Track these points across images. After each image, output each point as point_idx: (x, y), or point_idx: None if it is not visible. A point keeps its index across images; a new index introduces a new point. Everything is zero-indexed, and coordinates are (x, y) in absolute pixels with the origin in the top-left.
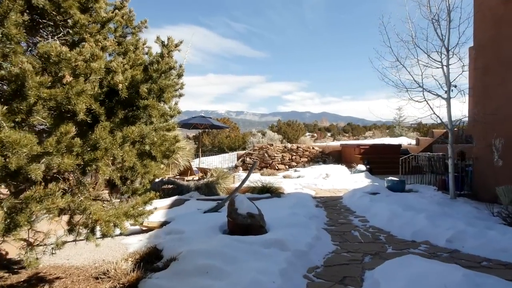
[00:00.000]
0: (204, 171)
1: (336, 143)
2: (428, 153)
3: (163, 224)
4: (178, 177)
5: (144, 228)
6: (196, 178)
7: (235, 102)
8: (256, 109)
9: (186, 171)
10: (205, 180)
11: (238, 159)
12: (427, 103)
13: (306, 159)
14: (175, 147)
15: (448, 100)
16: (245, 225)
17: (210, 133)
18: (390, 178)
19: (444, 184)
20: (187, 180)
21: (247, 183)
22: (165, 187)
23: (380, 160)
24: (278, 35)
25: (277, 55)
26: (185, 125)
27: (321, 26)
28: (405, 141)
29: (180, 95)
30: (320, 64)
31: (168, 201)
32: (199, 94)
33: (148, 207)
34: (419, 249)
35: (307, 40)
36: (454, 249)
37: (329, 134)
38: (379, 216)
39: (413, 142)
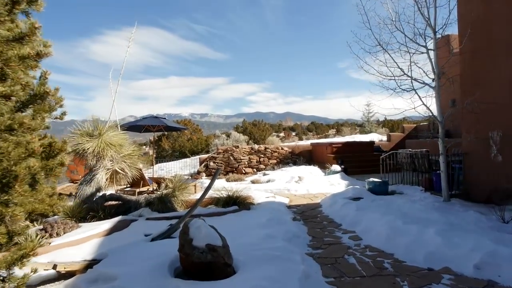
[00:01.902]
0: (157, 180)
1: (306, 143)
2: (409, 149)
3: (90, 264)
4: (128, 189)
5: (63, 272)
6: (151, 189)
7: (199, 105)
8: (221, 111)
9: (138, 181)
10: (159, 192)
11: (200, 164)
12: (416, 92)
13: (275, 161)
14: (21, 168)
15: (436, 88)
16: (203, 264)
17: (171, 136)
18: (371, 179)
19: (431, 183)
20: (139, 192)
21: (210, 193)
22: (109, 204)
23: (355, 159)
24: (239, 37)
25: (239, 56)
26: (133, 127)
27: (281, 27)
28: (375, 137)
29: (42, 55)
30: (281, 64)
31: (108, 224)
32: (162, 97)
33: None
34: (443, 283)
35: (268, 41)
36: (489, 280)
37: (294, 133)
38: (374, 232)
39: (384, 138)
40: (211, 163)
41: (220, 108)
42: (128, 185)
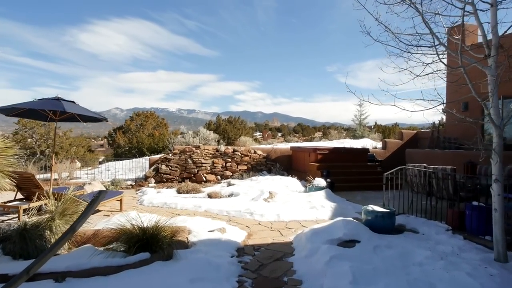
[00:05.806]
0: (46, 194)
1: (285, 146)
2: (424, 164)
3: None
4: (14, 203)
5: None
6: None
7: (187, 101)
8: (209, 108)
9: (32, 191)
10: (22, 221)
11: (150, 166)
12: (463, 70)
13: (245, 167)
14: None
15: (493, 69)
16: None
17: (128, 130)
18: (370, 207)
19: (461, 220)
20: (26, 210)
21: (131, 217)
22: None
23: (344, 170)
24: (230, 35)
25: (229, 54)
26: (24, 113)
27: (272, 28)
28: (368, 143)
29: None
30: (271, 65)
31: None
32: (149, 91)
33: None
34: None
35: (259, 41)
36: None
37: (280, 134)
38: None
39: (379, 144)
40: (163, 167)
41: (208, 105)
42: (23, 197)
